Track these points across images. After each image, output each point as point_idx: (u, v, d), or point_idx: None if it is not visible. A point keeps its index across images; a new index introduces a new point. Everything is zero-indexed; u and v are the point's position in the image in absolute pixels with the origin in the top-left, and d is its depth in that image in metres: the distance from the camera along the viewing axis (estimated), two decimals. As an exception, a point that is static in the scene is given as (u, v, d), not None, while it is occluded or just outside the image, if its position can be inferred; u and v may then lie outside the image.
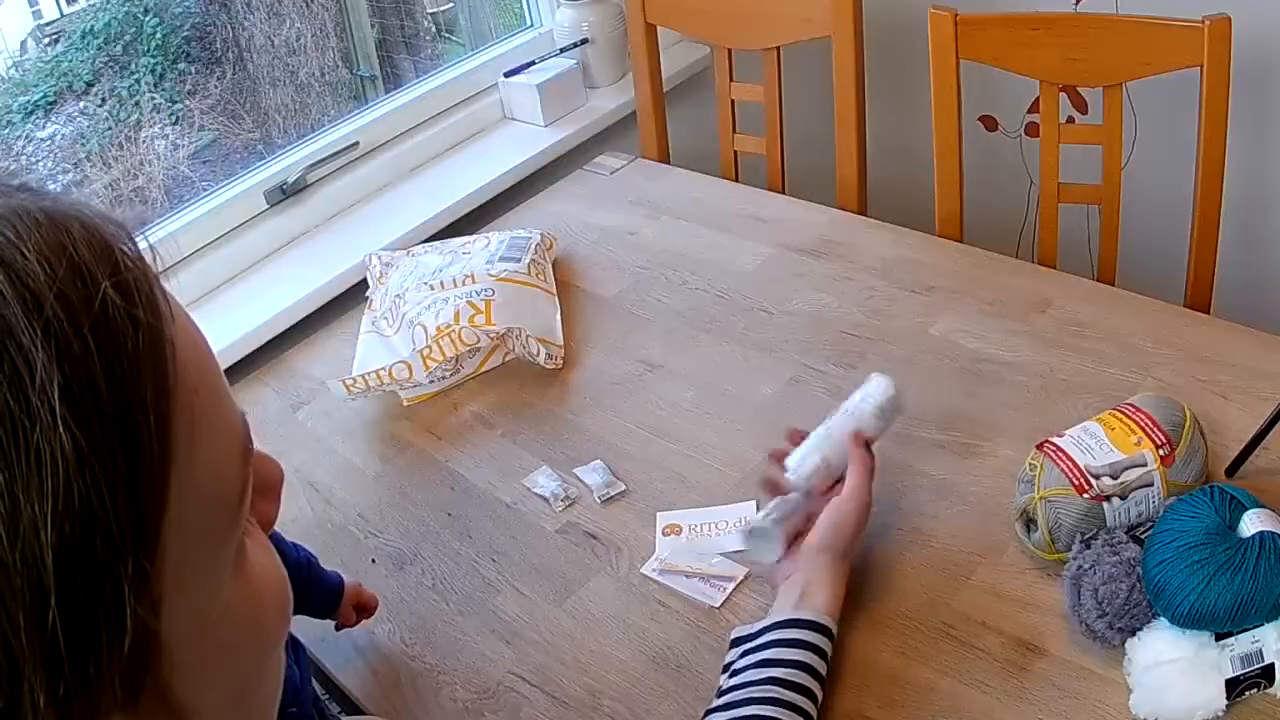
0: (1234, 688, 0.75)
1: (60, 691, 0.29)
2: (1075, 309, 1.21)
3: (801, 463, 0.94)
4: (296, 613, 0.85)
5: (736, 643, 0.85)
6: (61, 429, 0.29)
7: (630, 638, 0.94)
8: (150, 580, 0.31)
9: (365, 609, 0.97)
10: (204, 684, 0.35)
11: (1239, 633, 0.76)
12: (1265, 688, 0.76)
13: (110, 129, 1.64)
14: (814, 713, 0.79)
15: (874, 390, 0.98)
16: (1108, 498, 0.87)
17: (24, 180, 0.35)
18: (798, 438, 0.97)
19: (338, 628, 0.96)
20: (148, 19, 1.65)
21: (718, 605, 0.94)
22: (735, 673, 0.82)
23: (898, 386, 0.98)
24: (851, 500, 0.90)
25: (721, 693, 0.81)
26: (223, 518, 0.36)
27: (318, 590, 0.93)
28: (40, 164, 1.57)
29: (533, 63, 1.84)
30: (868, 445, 0.95)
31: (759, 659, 0.81)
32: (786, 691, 0.78)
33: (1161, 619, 0.79)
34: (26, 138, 1.56)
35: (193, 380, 0.34)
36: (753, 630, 0.85)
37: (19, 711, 0.28)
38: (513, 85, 1.83)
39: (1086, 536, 0.86)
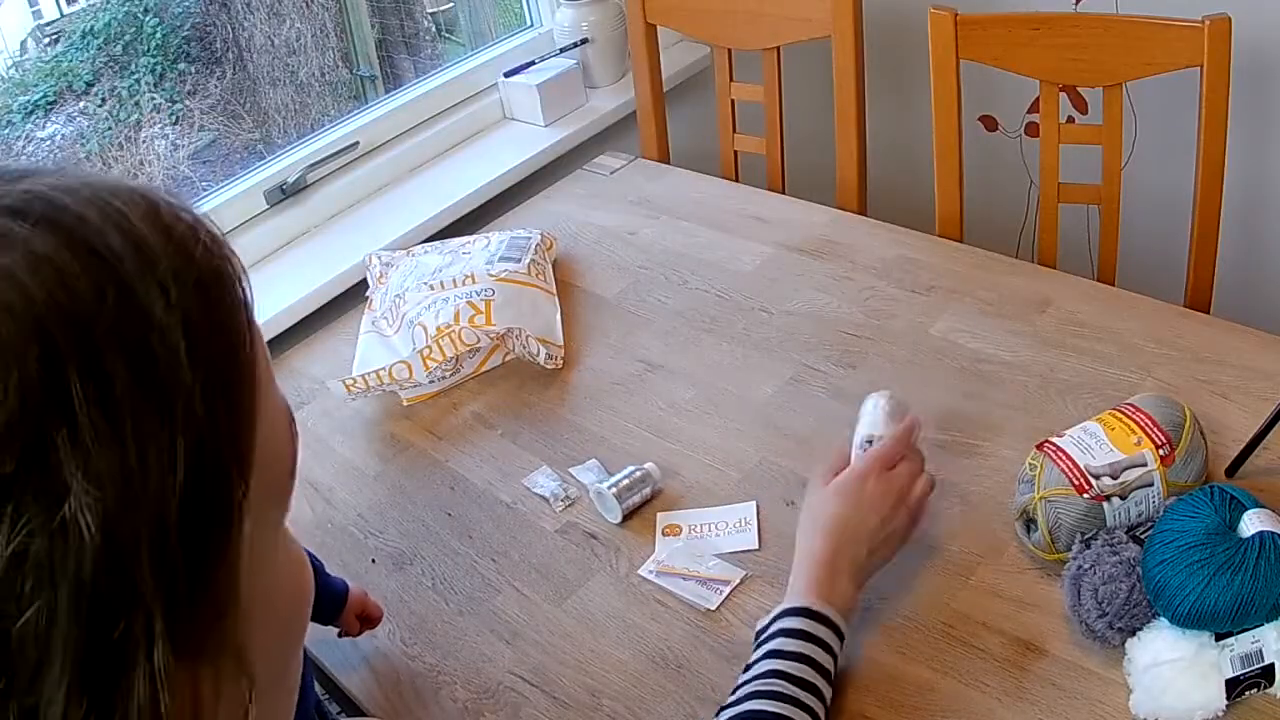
0: (1234, 688, 0.75)
1: (173, 622, 0.32)
2: (1075, 309, 1.21)
3: None
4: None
5: (755, 637, 0.86)
6: (185, 361, 0.33)
7: (630, 638, 0.94)
8: (250, 500, 0.35)
9: (369, 619, 0.96)
10: (256, 661, 0.37)
11: (1239, 633, 0.76)
12: (1265, 688, 0.76)
13: (110, 129, 1.64)
14: (811, 701, 0.79)
15: (875, 409, 0.97)
16: (1108, 498, 0.87)
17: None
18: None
19: (340, 635, 0.96)
20: (148, 19, 1.65)
21: (713, 608, 0.94)
22: (746, 668, 0.82)
23: (891, 394, 0.98)
24: (814, 494, 0.91)
25: (734, 689, 0.81)
26: (281, 490, 0.40)
27: (323, 595, 0.92)
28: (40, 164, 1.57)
29: (533, 63, 1.84)
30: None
31: (761, 653, 0.81)
32: (785, 684, 0.78)
33: (1161, 619, 0.79)
34: (26, 138, 1.56)
35: (262, 354, 0.39)
36: (763, 624, 0.85)
37: (133, 635, 0.31)
38: (513, 85, 1.83)
39: (1086, 536, 0.86)
